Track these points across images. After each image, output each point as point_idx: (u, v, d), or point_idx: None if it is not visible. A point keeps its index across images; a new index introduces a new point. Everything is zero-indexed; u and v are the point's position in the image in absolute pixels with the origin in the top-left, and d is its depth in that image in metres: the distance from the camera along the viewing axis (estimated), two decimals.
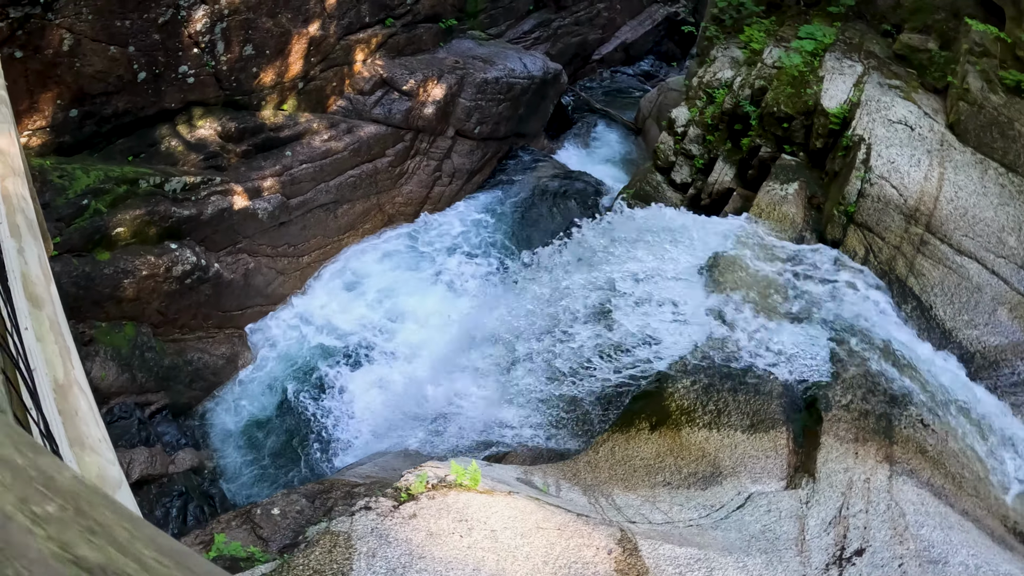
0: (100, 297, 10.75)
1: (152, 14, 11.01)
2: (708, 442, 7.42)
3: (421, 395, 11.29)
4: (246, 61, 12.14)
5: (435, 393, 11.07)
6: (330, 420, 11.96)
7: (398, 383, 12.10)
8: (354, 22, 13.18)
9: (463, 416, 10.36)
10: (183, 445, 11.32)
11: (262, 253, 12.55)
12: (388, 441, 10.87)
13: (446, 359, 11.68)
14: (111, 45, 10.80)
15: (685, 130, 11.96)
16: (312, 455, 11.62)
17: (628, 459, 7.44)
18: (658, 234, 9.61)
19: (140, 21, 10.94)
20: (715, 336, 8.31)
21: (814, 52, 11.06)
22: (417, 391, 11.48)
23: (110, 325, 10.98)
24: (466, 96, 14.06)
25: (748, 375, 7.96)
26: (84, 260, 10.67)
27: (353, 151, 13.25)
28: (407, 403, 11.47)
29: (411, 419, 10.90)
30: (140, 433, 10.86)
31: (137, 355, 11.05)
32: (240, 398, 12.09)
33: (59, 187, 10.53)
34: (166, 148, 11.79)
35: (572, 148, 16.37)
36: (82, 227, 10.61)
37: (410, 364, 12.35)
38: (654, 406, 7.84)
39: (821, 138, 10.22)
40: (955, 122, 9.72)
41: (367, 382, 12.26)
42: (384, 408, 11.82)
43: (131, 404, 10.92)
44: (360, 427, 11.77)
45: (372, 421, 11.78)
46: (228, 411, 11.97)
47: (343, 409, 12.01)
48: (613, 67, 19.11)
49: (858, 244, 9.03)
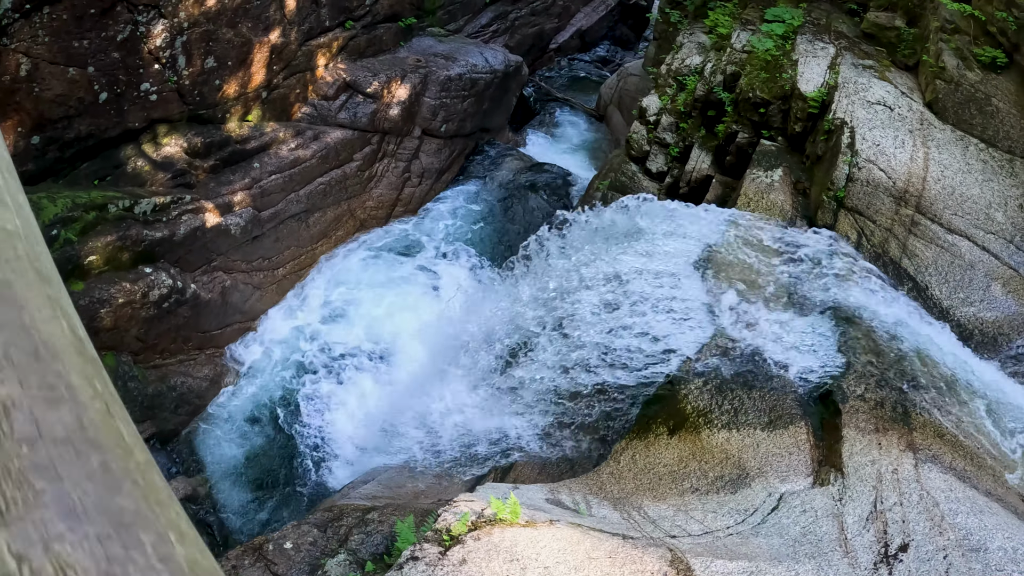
0: None
1: (110, 32, 10.37)
2: (729, 443, 7.25)
3: (412, 405, 10.96)
4: (208, 74, 11.55)
5: (427, 402, 10.75)
6: (319, 434, 11.57)
7: (386, 393, 11.74)
8: (314, 27, 12.64)
9: (459, 425, 10.07)
10: (174, 474, 10.85)
11: (237, 269, 12.03)
12: (383, 454, 10.51)
13: (435, 366, 11.35)
14: (70, 67, 10.15)
15: (657, 119, 11.73)
16: (305, 472, 11.23)
17: (651, 467, 7.24)
18: (648, 228, 9.38)
19: (98, 40, 10.29)
20: (720, 332, 8.14)
21: (785, 35, 10.89)
22: (407, 401, 11.14)
23: None
24: (430, 95, 13.64)
25: (759, 370, 7.80)
26: None
27: (321, 158, 12.77)
28: (398, 414, 11.12)
29: (404, 430, 10.56)
30: None
31: (120, 386, 10.50)
32: (226, 419, 11.62)
33: None
34: (132, 169, 11.18)
35: (537, 139, 16.06)
36: (53, 259, 9.97)
37: (398, 372, 12.00)
38: (669, 410, 7.64)
39: (800, 122, 10.07)
40: (933, 100, 9.65)
41: (354, 393, 11.88)
42: (374, 419, 11.45)
43: None
44: (351, 440, 11.40)
45: (363, 433, 11.41)
46: (215, 433, 11.49)
47: (332, 422, 11.62)
48: (570, 55, 18.80)
49: (850, 228, 8.92)
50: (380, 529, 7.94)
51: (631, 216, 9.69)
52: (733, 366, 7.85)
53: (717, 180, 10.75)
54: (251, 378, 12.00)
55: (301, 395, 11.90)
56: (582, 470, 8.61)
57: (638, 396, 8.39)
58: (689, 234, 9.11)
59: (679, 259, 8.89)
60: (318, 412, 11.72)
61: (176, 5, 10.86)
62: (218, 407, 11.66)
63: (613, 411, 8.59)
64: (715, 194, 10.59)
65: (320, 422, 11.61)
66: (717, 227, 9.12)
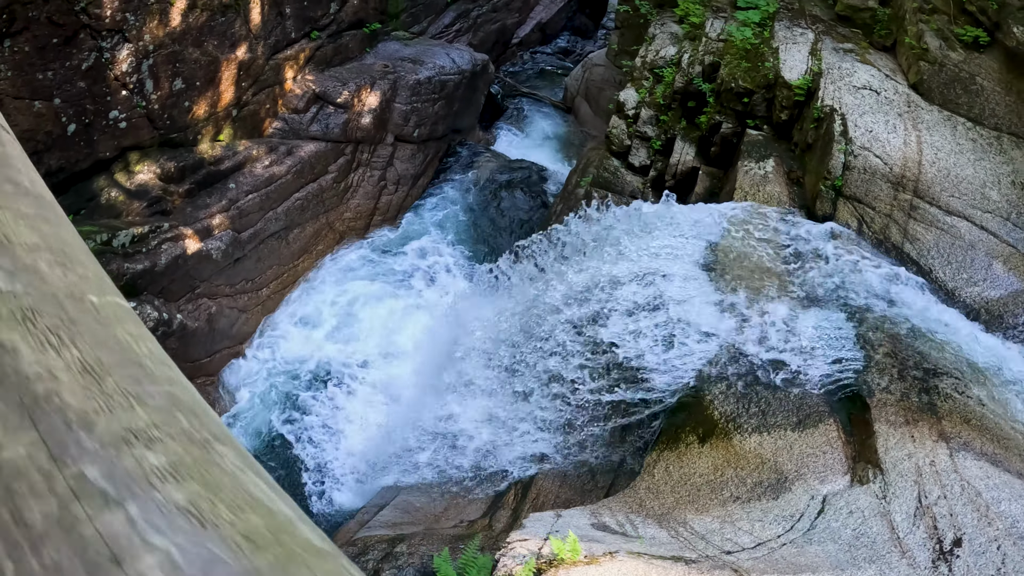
0: None
1: (75, 60, 9.78)
2: (763, 447, 7.11)
3: (415, 418, 10.65)
4: (177, 96, 11.00)
5: (431, 415, 10.45)
6: (321, 454, 11.20)
7: (386, 408, 11.40)
8: (280, 40, 12.13)
9: (466, 438, 9.79)
10: None
11: (221, 294, 11.55)
12: (391, 474, 10.18)
13: (433, 377, 11.04)
14: (35, 100, 9.56)
15: (636, 112, 11.51)
16: (310, 497, 10.86)
17: (687, 478, 7.06)
18: (647, 229, 9.17)
19: (63, 70, 9.70)
20: (735, 333, 7.98)
21: (761, 22, 10.73)
22: (409, 414, 10.82)
23: None
24: (401, 100, 13.22)
25: (780, 369, 7.67)
26: None
27: (296, 173, 12.30)
28: (401, 428, 10.81)
29: (408, 447, 10.25)
30: None
31: None
32: None
33: None
34: (106, 200, 10.62)
35: (507, 136, 15.74)
36: None
37: (395, 384, 11.66)
38: (696, 417, 7.47)
39: (786, 110, 9.94)
40: (918, 82, 9.58)
41: (353, 409, 11.52)
42: (378, 436, 11.12)
43: None
44: (354, 461, 11.05)
45: (367, 451, 11.07)
46: None
47: (333, 441, 11.26)
48: (532, 48, 18.46)
49: (850, 217, 8.82)
50: (411, 562, 7.66)
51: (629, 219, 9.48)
52: (753, 367, 7.71)
53: (704, 171, 10.58)
54: (244, 403, 11.57)
55: (297, 415, 11.51)
56: (604, 479, 8.43)
57: (653, 401, 8.21)
58: (690, 233, 8.92)
59: (683, 260, 8.70)
60: (318, 432, 11.35)
61: (140, 28, 10.29)
62: None
63: (631, 417, 8.40)
64: (703, 186, 10.43)
65: (321, 442, 11.24)
66: (717, 224, 8.94)
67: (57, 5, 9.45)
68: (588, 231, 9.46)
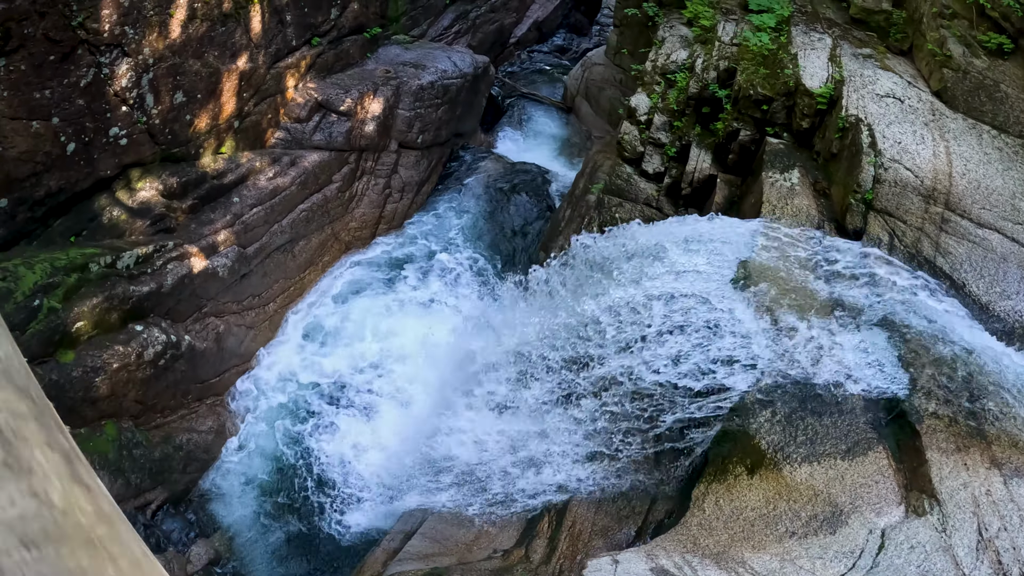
0: (73, 403, 9.19)
1: (73, 78, 9.22)
2: (814, 477, 6.82)
3: (431, 438, 10.26)
4: (178, 110, 10.46)
5: (449, 431, 10.08)
6: (334, 475, 10.81)
7: (402, 424, 11.01)
8: (282, 48, 11.59)
9: (489, 457, 9.44)
10: (193, 538, 9.99)
11: (228, 311, 11.08)
12: (412, 495, 9.80)
13: (450, 393, 10.66)
14: (33, 120, 9.00)
15: (649, 118, 11.13)
16: (326, 519, 10.46)
17: (739, 512, 6.76)
18: (675, 245, 8.82)
19: (61, 88, 9.14)
20: (776, 357, 7.67)
21: (777, 27, 10.37)
22: (426, 431, 10.44)
23: (89, 430, 9.44)
24: (404, 106, 12.74)
25: (824, 394, 7.37)
26: (48, 367, 9.05)
27: (300, 184, 11.81)
28: (419, 446, 10.42)
29: (426, 466, 9.87)
30: (149, 540, 9.44)
31: (126, 455, 9.57)
32: (235, 469, 10.76)
33: (4, 291, 8.78)
34: (108, 220, 10.09)
35: (509, 138, 15.30)
36: (39, 331, 8.94)
37: (410, 400, 11.26)
38: (743, 447, 7.15)
39: (807, 118, 9.61)
40: (941, 89, 9.28)
41: (367, 426, 11.13)
42: (393, 454, 10.73)
43: (132, 511, 9.49)
44: (369, 480, 10.67)
45: (381, 472, 10.68)
46: (227, 486, 10.63)
47: (348, 459, 10.86)
48: (529, 47, 17.97)
49: (881, 231, 8.53)
50: None
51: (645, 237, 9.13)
52: (797, 392, 7.40)
53: (722, 179, 10.24)
54: (256, 422, 11.14)
55: (310, 432, 11.11)
56: (640, 504, 8.12)
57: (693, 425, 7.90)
58: (720, 250, 8.58)
59: (715, 278, 8.36)
60: (331, 449, 10.95)
61: (140, 42, 9.73)
62: (226, 459, 10.78)
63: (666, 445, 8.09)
64: (722, 195, 10.09)
65: (335, 459, 10.85)
66: (747, 239, 8.61)
67: (54, 21, 8.87)
68: (613, 247, 9.10)
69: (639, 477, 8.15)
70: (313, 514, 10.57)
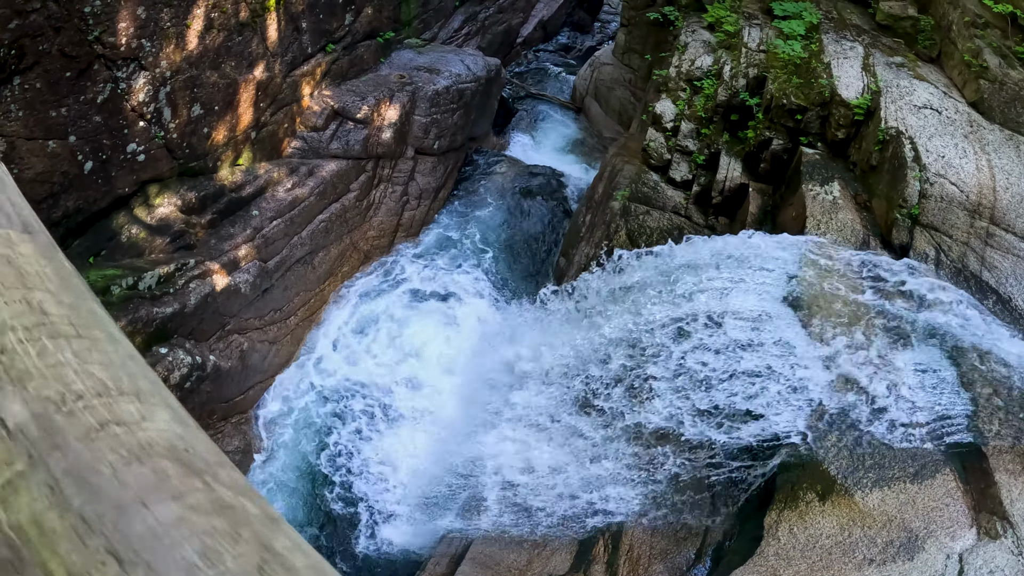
0: None
1: (89, 94, 8.56)
2: (885, 502, 6.47)
3: (466, 450, 9.81)
4: (196, 122, 9.82)
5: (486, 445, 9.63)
6: (363, 491, 10.30)
7: (433, 439, 10.53)
8: (297, 56, 10.94)
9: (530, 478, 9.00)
10: None
11: (251, 328, 10.51)
12: (450, 513, 9.34)
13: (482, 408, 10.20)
14: (49, 140, 8.35)
15: (675, 125, 10.64)
16: (358, 533, 9.98)
17: (814, 540, 6.39)
18: (719, 263, 8.38)
19: (77, 105, 8.48)
20: (835, 380, 7.28)
21: (808, 34, 9.91)
22: (458, 447, 9.98)
23: None
24: (420, 112, 12.15)
25: (885, 416, 7.01)
26: None
27: (319, 194, 11.21)
28: (450, 463, 9.96)
29: (462, 482, 9.41)
30: None
31: None
32: (265, 490, 10.23)
33: None
34: (127, 239, 9.47)
35: (521, 140, 14.74)
36: None
37: (438, 413, 10.77)
38: (812, 473, 6.78)
39: (843, 128, 9.18)
40: (978, 100, 8.89)
41: (397, 441, 10.62)
42: (426, 468, 10.25)
43: None
44: (404, 494, 10.18)
45: (413, 488, 10.18)
46: None
47: (378, 476, 10.37)
48: (534, 47, 17.36)
49: (927, 245, 8.14)
50: None
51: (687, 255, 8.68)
52: (859, 416, 7.03)
53: (754, 189, 9.79)
54: (281, 440, 10.61)
55: (336, 446, 10.59)
56: (696, 525, 7.73)
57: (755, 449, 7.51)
58: (767, 266, 8.16)
59: (765, 297, 7.95)
60: (359, 463, 10.45)
61: (157, 55, 9.07)
62: (253, 479, 10.25)
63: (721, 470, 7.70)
64: (756, 205, 9.65)
65: (363, 473, 10.35)
66: (794, 256, 8.19)
67: (69, 36, 8.20)
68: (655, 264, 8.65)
69: (692, 496, 7.76)
70: (344, 531, 10.10)
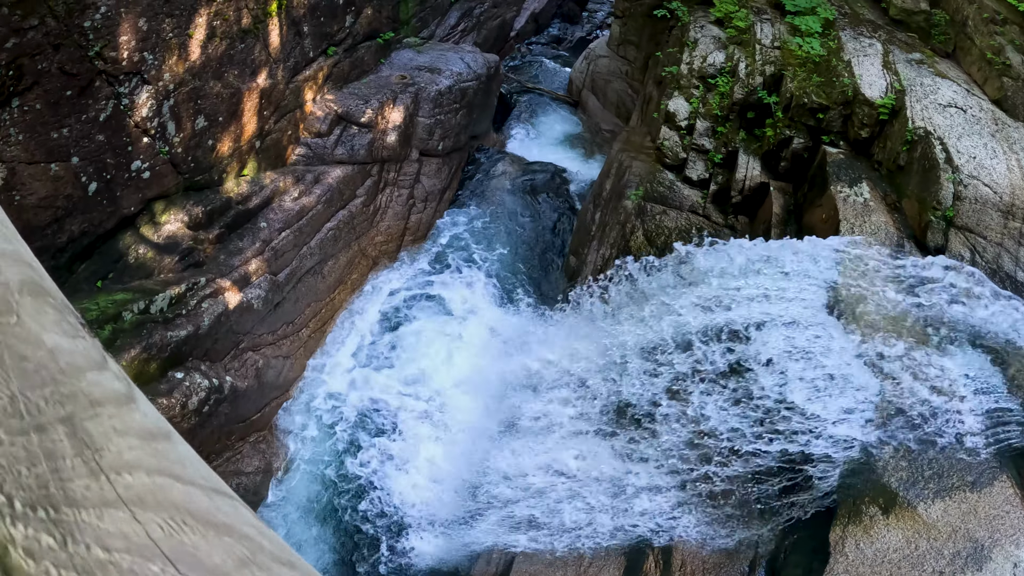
0: None
1: (91, 112, 7.82)
2: (948, 513, 6.14)
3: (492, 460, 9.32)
4: (200, 135, 9.10)
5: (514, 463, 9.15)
6: (389, 505, 9.79)
7: (454, 449, 10.01)
8: (300, 61, 10.21)
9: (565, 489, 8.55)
10: None
11: (265, 343, 9.88)
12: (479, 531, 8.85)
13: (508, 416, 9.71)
14: (52, 163, 7.61)
15: (690, 123, 10.13)
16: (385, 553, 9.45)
17: (882, 555, 6.04)
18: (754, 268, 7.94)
19: (79, 125, 7.74)
20: (886, 388, 6.90)
21: (824, 31, 9.43)
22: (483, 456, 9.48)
23: None
24: (424, 113, 11.48)
25: (938, 423, 6.66)
26: None
27: (326, 202, 10.55)
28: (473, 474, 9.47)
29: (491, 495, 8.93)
30: None
31: None
32: (285, 509, 9.67)
33: None
34: (135, 260, 8.76)
35: (520, 135, 14.12)
36: None
37: (457, 422, 10.25)
38: (872, 486, 6.41)
39: (866, 128, 8.75)
40: (1002, 98, 8.53)
41: (417, 452, 10.09)
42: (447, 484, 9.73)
43: None
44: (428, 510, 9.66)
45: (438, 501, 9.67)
46: (276, 526, 9.55)
47: (402, 488, 9.85)
48: (527, 39, 16.66)
49: (962, 247, 7.78)
50: None
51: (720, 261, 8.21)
52: (913, 425, 6.67)
53: (775, 188, 9.35)
54: (300, 456, 10.03)
55: (359, 462, 10.04)
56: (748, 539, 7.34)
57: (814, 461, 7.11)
58: (806, 272, 7.72)
59: (807, 304, 7.52)
60: (381, 478, 9.92)
61: (159, 67, 8.33)
62: (275, 497, 9.69)
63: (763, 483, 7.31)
64: (779, 205, 9.20)
65: (387, 490, 9.83)
66: (829, 260, 7.77)
67: (69, 53, 7.44)
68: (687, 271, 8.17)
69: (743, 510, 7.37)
70: (367, 547, 9.59)
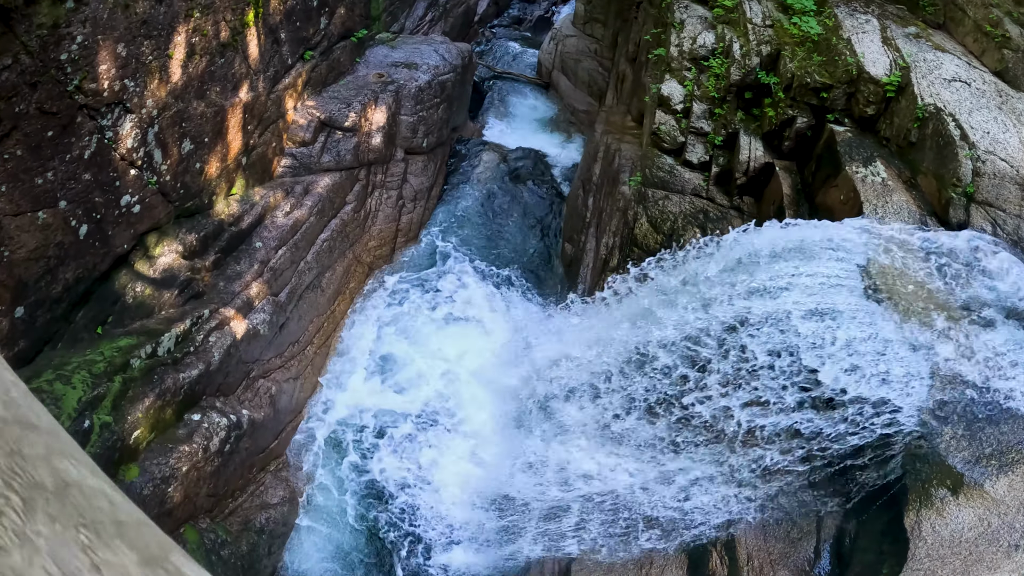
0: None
1: (75, 151, 6.80)
2: (1014, 487, 5.96)
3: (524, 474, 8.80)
4: (187, 159, 8.13)
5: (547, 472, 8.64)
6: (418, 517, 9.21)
7: (479, 457, 9.45)
8: (279, 69, 9.22)
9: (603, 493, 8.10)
10: None
11: (274, 368, 9.09)
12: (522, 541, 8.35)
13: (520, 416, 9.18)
14: (39, 211, 6.61)
15: (686, 107, 9.58)
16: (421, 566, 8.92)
17: (959, 535, 5.82)
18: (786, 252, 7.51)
19: (64, 166, 6.73)
20: (934, 367, 6.61)
21: (819, 8, 8.94)
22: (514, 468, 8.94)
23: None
24: (406, 111, 10.62)
25: (991, 401, 6.41)
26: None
27: (318, 212, 9.69)
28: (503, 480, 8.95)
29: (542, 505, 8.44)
30: None
31: (216, 560, 7.69)
32: (313, 537, 9.00)
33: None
34: (134, 299, 7.83)
35: (496, 123, 13.32)
36: (96, 454, 6.82)
37: (477, 429, 9.67)
38: (936, 468, 6.15)
39: (872, 105, 8.34)
40: (1003, 70, 8.23)
41: (440, 464, 9.50)
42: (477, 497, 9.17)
43: None
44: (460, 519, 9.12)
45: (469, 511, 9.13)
46: (307, 556, 8.89)
47: (431, 504, 9.26)
48: (489, 23, 15.70)
49: (983, 221, 7.49)
50: None
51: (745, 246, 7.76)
52: (966, 403, 6.40)
53: (780, 168, 8.90)
54: (321, 477, 9.33)
55: (382, 479, 9.40)
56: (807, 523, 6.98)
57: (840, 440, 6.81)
58: (836, 255, 7.33)
59: (843, 289, 7.14)
60: (409, 494, 9.31)
61: (142, 93, 7.31)
62: (301, 523, 9.00)
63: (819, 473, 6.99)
64: (788, 185, 8.77)
65: (416, 505, 9.24)
66: (858, 243, 7.39)
67: (47, 90, 6.40)
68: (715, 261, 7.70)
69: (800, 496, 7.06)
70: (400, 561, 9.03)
